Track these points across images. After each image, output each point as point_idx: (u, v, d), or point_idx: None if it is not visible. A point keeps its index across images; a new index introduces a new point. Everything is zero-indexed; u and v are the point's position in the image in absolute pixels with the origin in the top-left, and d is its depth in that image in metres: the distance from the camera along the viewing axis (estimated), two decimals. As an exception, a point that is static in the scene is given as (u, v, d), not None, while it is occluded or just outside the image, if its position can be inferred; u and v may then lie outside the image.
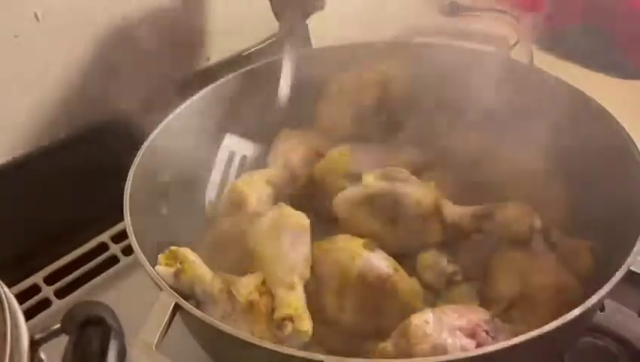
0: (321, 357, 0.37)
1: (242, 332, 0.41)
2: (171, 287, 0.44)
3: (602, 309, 0.54)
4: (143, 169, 0.54)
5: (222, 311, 0.45)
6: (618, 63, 0.89)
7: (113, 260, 0.67)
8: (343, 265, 0.46)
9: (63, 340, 0.37)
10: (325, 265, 0.47)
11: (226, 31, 0.79)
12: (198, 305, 0.46)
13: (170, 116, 0.60)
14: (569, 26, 0.95)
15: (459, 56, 0.62)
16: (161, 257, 0.48)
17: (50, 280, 0.65)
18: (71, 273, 0.65)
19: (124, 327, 0.39)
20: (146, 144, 0.56)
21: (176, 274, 0.46)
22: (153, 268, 0.46)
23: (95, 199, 0.62)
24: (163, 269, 0.46)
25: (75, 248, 0.67)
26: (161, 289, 0.43)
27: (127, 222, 0.48)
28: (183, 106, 0.62)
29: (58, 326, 0.35)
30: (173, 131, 0.60)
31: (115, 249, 0.68)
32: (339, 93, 0.64)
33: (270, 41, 0.81)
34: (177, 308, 0.42)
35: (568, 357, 0.51)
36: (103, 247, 0.68)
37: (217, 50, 0.78)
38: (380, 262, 0.46)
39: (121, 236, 0.68)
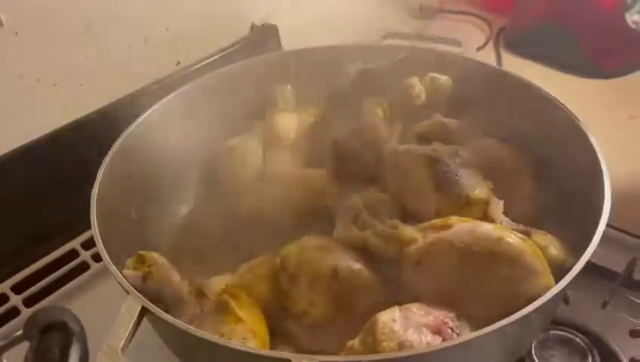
0: (288, 355, 0.38)
1: (210, 334, 0.41)
2: (139, 291, 0.44)
3: (567, 302, 0.55)
4: (111, 172, 0.54)
5: (191, 313, 0.46)
6: (583, 63, 0.92)
7: (84, 267, 0.66)
8: (316, 260, 0.47)
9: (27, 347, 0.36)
10: (298, 263, 0.47)
11: (196, 35, 0.79)
12: (166, 309, 0.46)
13: (139, 119, 0.60)
14: (535, 27, 0.97)
15: (421, 57, 0.64)
16: (129, 261, 0.48)
17: (18, 288, 0.64)
18: (40, 281, 0.65)
19: (95, 334, 0.39)
20: (115, 146, 0.56)
21: (145, 278, 0.46)
22: (121, 272, 0.45)
23: (65, 205, 0.61)
24: (131, 273, 0.46)
25: (44, 255, 0.67)
26: (128, 293, 0.43)
27: (94, 223, 0.48)
28: (151, 110, 0.61)
29: (20, 332, 0.34)
30: (143, 134, 0.59)
31: (85, 255, 0.67)
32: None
33: (238, 45, 0.82)
34: (144, 311, 0.42)
35: (535, 349, 0.52)
36: (73, 254, 0.67)
37: (187, 54, 0.78)
38: (353, 260, 0.47)
39: (92, 242, 0.65)
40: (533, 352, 0.52)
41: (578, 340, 0.53)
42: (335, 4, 0.91)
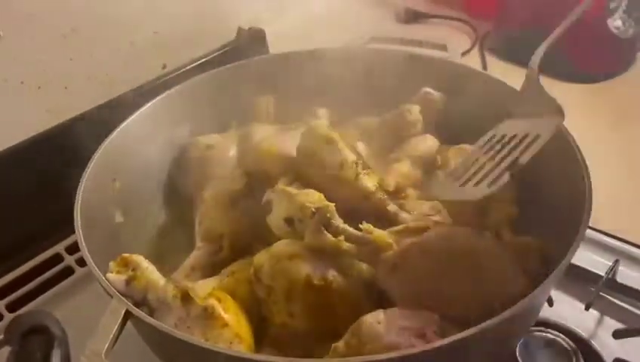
0: (276, 359, 0.38)
1: (194, 337, 0.41)
2: (123, 295, 0.44)
3: (551, 304, 0.56)
4: (96, 175, 0.54)
5: (176, 317, 0.45)
6: (566, 68, 0.93)
7: (68, 271, 0.66)
8: (289, 270, 0.46)
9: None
10: (272, 274, 0.47)
11: (183, 38, 0.79)
12: (150, 313, 0.46)
13: (123, 123, 0.59)
14: (519, 32, 0.98)
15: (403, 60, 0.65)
16: (112, 264, 0.47)
17: (1, 293, 0.63)
18: (24, 285, 0.64)
19: (79, 339, 0.39)
20: (100, 149, 0.56)
21: (128, 282, 0.46)
22: (104, 276, 0.45)
23: (49, 209, 0.61)
24: (114, 276, 0.46)
25: (28, 260, 0.66)
26: (111, 297, 0.43)
27: (77, 227, 0.47)
28: (137, 113, 0.61)
29: (1, 337, 0.34)
30: (127, 138, 0.59)
31: (69, 260, 0.66)
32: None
33: (225, 49, 0.82)
34: (128, 315, 0.41)
35: (519, 351, 0.53)
36: (57, 258, 0.67)
37: (173, 58, 0.78)
38: (325, 265, 0.47)
39: (77, 247, 0.64)
40: (517, 354, 0.52)
41: (562, 342, 0.53)
42: (322, 9, 0.92)
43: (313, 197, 0.48)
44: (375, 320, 0.42)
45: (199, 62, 0.79)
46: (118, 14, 0.72)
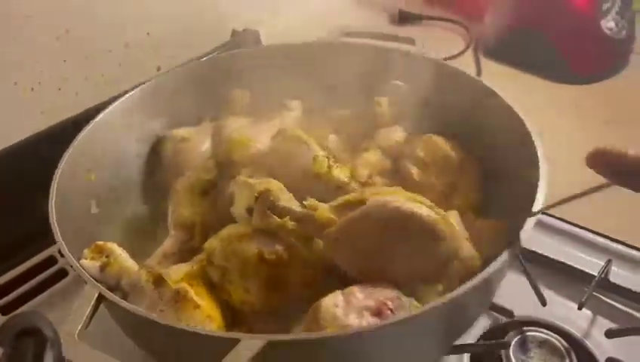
0: (238, 335, 0.38)
1: (166, 318, 0.43)
2: (97, 281, 0.45)
3: (544, 303, 0.56)
4: (71, 166, 0.54)
5: (148, 301, 0.46)
6: (560, 69, 0.93)
7: (62, 274, 0.66)
8: (241, 249, 0.47)
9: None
10: (225, 255, 0.48)
11: (177, 40, 0.79)
12: (124, 297, 0.47)
13: (101, 115, 0.60)
14: (513, 33, 0.98)
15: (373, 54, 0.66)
16: (86, 251, 0.48)
17: (-6, 296, 0.63)
18: (17, 288, 0.64)
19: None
20: (75, 141, 0.56)
21: (102, 268, 0.47)
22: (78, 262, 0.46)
23: (43, 211, 0.60)
24: (88, 262, 0.47)
25: (22, 262, 0.65)
26: (85, 282, 0.43)
27: (52, 214, 0.48)
28: (112, 106, 0.61)
29: (-6, 339, 0.34)
30: (103, 130, 0.59)
31: (63, 262, 0.66)
32: None
33: (219, 51, 0.82)
34: (101, 298, 0.42)
35: (513, 350, 0.53)
36: (51, 261, 0.66)
37: (167, 59, 0.78)
38: (274, 239, 0.48)
39: None
40: (511, 354, 0.53)
41: (555, 341, 0.54)
42: (317, 11, 0.92)
43: (270, 185, 0.50)
44: (332, 303, 0.43)
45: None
46: (112, 16, 0.72)
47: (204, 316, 0.45)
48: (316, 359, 0.41)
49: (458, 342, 0.54)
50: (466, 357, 0.54)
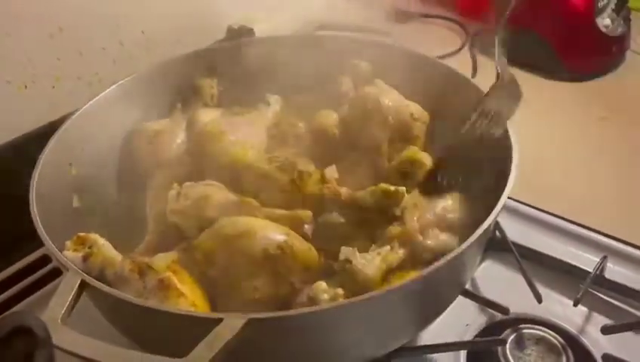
0: (220, 315, 0.39)
1: (142, 300, 0.43)
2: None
3: (540, 300, 0.56)
4: (53, 159, 0.54)
5: (133, 290, 0.46)
6: (555, 67, 0.93)
7: (56, 273, 0.65)
8: (244, 248, 0.47)
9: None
10: (227, 254, 0.47)
11: (172, 37, 0.78)
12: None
13: (83, 108, 0.60)
14: (508, 31, 0.98)
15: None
16: (68, 243, 0.48)
17: (-12, 295, 0.62)
18: (10, 287, 0.63)
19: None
20: (55, 136, 0.56)
21: (85, 258, 0.47)
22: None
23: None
24: (71, 253, 0.47)
25: (15, 262, 0.65)
26: (67, 270, 0.43)
27: (33, 207, 0.48)
28: (96, 98, 0.61)
29: (-16, 339, 0.33)
30: (84, 125, 0.60)
31: (57, 261, 0.66)
32: None
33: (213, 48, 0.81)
34: (84, 285, 0.42)
35: (510, 348, 0.53)
36: (44, 261, 0.66)
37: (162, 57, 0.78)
38: (275, 232, 0.48)
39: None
40: (508, 351, 0.53)
41: (552, 338, 0.54)
42: (312, 8, 0.92)
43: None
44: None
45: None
46: (107, 14, 0.71)
47: (189, 303, 0.44)
48: (293, 336, 0.42)
49: (456, 339, 0.54)
50: (463, 354, 0.54)
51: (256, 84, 0.66)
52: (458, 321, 0.57)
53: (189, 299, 0.45)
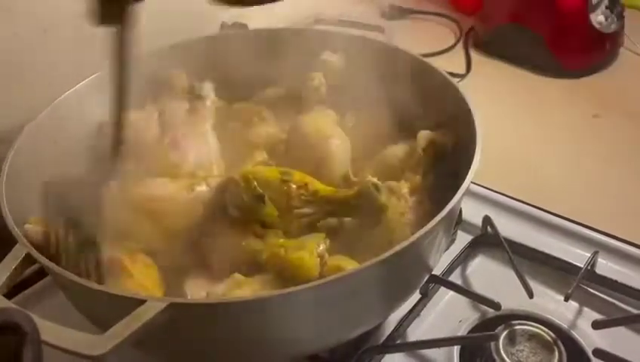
0: (145, 297, 0.40)
1: (76, 277, 0.43)
2: (38, 246, 0.46)
3: (531, 295, 0.56)
4: (34, 140, 0.55)
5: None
6: (549, 63, 0.93)
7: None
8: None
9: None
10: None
11: (164, 33, 0.78)
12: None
13: (69, 91, 0.60)
14: (502, 27, 0.98)
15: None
16: (32, 218, 0.49)
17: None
18: (1, 284, 0.63)
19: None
20: (25, 130, 0.56)
21: (46, 235, 0.47)
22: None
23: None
24: (32, 227, 0.47)
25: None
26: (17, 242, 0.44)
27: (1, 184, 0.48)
28: (83, 82, 0.62)
29: (-29, 335, 0.33)
30: (55, 116, 0.59)
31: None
32: None
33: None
34: (28, 258, 0.44)
35: (502, 344, 0.53)
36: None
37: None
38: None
39: None
40: (500, 346, 0.53)
41: (543, 333, 0.54)
42: (306, 4, 0.91)
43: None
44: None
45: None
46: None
47: (137, 285, 0.46)
48: (221, 322, 0.42)
49: (449, 335, 0.55)
50: (456, 349, 0.54)
51: (233, 77, 0.66)
52: (451, 317, 0.57)
53: (138, 281, 0.46)
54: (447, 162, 0.55)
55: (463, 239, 0.64)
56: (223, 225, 0.50)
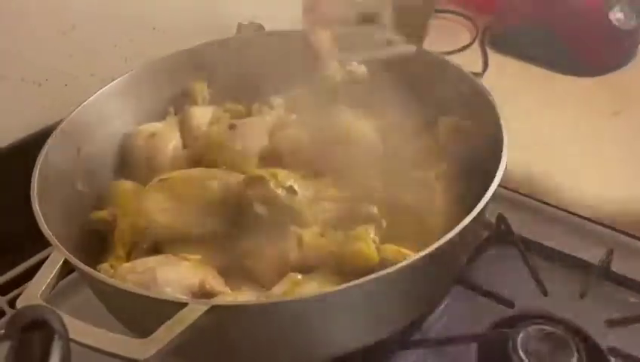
0: (187, 300, 0.41)
1: (115, 281, 0.44)
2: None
3: (545, 293, 0.56)
4: (61, 145, 0.57)
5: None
6: (567, 61, 0.93)
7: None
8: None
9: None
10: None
11: (182, 34, 0.79)
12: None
13: (92, 97, 0.62)
14: (520, 25, 0.98)
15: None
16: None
17: (4, 290, 0.64)
18: (26, 282, 0.64)
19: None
20: (65, 122, 0.58)
21: None
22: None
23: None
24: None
25: (31, 256, 0.66)
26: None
27: (33, 189, 0.50)
28: (104, 88, 0.63)
29: (2, 332, 0.34)
30: (93, 113, 0.62)
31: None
32: None
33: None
34: (67, 264, 0.44)
35: (521, 344, 0.53)
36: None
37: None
38: None
39: None
40: (519, 348, 0.52)
41: (560, 332, 0.53)
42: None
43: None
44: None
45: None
46: (118, 11, 0.72)
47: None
48: (263, 324, 0.42)
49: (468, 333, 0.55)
50: (474, 347, 0.54)
51: (248, 80, 0.67)
52: (468, 315, 0.58)
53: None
54: (471, 151, 0.55)
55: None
56: (256, 228, 0.50)
